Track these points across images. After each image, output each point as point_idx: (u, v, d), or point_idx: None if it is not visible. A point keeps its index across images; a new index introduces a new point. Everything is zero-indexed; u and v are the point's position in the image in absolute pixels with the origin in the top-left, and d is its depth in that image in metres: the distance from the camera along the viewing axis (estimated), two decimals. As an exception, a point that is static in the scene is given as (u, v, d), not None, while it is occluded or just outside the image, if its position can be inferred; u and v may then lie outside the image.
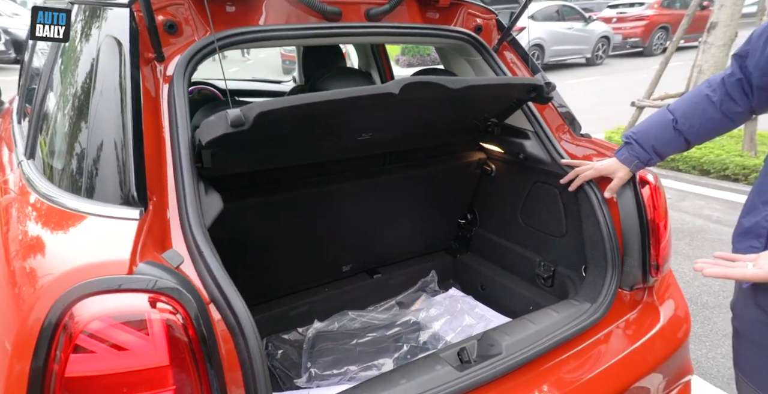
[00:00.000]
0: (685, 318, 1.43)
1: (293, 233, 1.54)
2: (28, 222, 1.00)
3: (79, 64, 1.11)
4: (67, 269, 0.79)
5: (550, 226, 1.54)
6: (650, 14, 12.08)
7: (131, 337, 0.75)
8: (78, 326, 0.74)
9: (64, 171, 1.03)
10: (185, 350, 0.78)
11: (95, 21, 1.12)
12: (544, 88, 1.27)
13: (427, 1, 1.44)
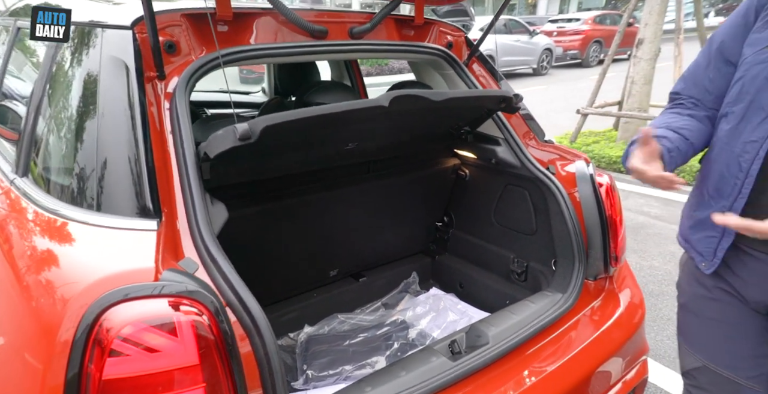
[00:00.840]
0: (640, 303, 1.60)
1: (282, 242, 1.60)
2: (40, 237, 1.02)
3: (78, 84, 1.14)
4: (95, 279, 0.84)
5: (522, 224, 1.67)
6: (586, 29, 13.27)
7: (162, 339, 0.81)
8: (112, 331, 0.78)
9: (71, 187, 1.05)
10: (212, 349, 0.84)
11: (93, 42, 1.15)
12: (513, 100, 1.40)
13: (404, 21, 1.56)
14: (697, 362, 1.15)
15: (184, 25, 1.18)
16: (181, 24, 1.17)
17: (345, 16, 1.44)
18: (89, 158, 1.03)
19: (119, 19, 1.11)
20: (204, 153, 1.08)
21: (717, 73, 1.02)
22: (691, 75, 1.08)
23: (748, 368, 1.07)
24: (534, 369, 1.27)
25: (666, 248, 3.27)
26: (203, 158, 1.08)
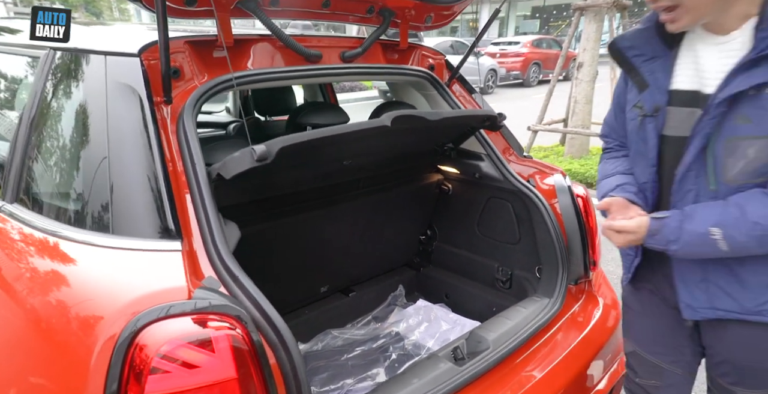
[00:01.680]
0: (615, 303, 1.73)
1: (275, 261, 1.61)
2: (62, 265, 1.00)
3: (81, 110, 1.12)
4: (128, 301, 0.84)
5: (505, 234, 1.78)
6: (525, 52, 14.19)
7: (201, 355, 0.82)
8: (151, 349, 0.79)
9: (85, 212, 1.04)
10: (248, 362, 0.86)
11: (94, 68, 1.14)
12: (497, 118, 1.52)
13: (389, 45, 1.65)
14: (630, 347, 1.32)
15: (187, 52, 1.21)
16: (184, 50, 1.20)
17: (337, 41, 1.51)
18: (102, 183, 1.02)
19: (125, 47, 1.12)
20: (217, 174, 1.10)
21: (621, 121, 1.19)
22: (609, 122, 1.26)
23: (668, 354, 1.23)
24: (533, 370, 1.35)
25: (617, 254, 3.50)
26: (215, 180, 1.10)
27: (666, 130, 1.03)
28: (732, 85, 0.88)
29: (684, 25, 0.93)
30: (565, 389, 1.34)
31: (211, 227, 1.00)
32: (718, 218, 0.92)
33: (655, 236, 1.00)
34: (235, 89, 1.20)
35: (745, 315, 1.01)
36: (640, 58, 1.06)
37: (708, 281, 1.03)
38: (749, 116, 0.89)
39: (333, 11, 1.42)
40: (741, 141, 0.90)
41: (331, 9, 1.40)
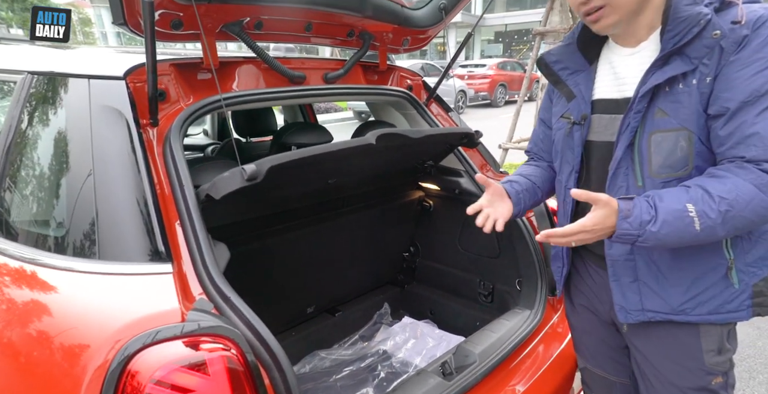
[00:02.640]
0: None
1: (261, 282, 1.60)
2: (49, 293, 0.97)
3: (66, 134, 1.10)
4: (120, 325, 0.82)
5: (486, 249, 1.81)
6: (491, 74, 14.76)
7: (195, 378, 0.81)
8: (144, 375, 0.77)
9: (65, 238, 1.01)
10: (243, 383, 0.85)
11: (75, 92, 1.12)
12: (474, 136, 1.57)
13: (369, 66, 1.70)
14: (582, 363, 1.37)
15: (173, 74, 1.21)
16: (170, 73, 1.21)
17: (319, 63, 1.55)
18: (88, 207, 1.00)
19: (109, 70, 1.12)
20: (206, 195, 1.10)
21: (543, 135, 1.30)
22: (534, 137, 1.35)
23: (611, 366, 1.29)
24: (519, 380, 1.37)
25: None
26: (203, 201, 1.09)
27: (591, 135, 1.10)
28: (650, 81, 0.94)
29: (609, 23, 0.98)
30: None
31: (201, 248, 1.00)
32: (688, 197, 0.91)
33: (629, 218, 0.92)
34: (224, 110, 1.20)
35: (671, 315, 1.04)
36: (566, 72, 1.15)
37: (638, 281, 1.06)
38: (665, 110, 0.96)
39: (315, 35, 1.46)
40: (661, 134, 0.97)
41: (313, 33, 1.44)
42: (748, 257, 1.00)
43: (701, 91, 0.92)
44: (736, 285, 1.01)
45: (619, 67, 1.06)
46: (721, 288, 1.01)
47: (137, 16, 1.05)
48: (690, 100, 0.93)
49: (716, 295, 1.01)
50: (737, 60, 0.89)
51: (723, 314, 1.02)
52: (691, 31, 0.90)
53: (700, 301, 1.02)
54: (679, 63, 0.93)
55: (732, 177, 0.90)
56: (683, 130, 0.95)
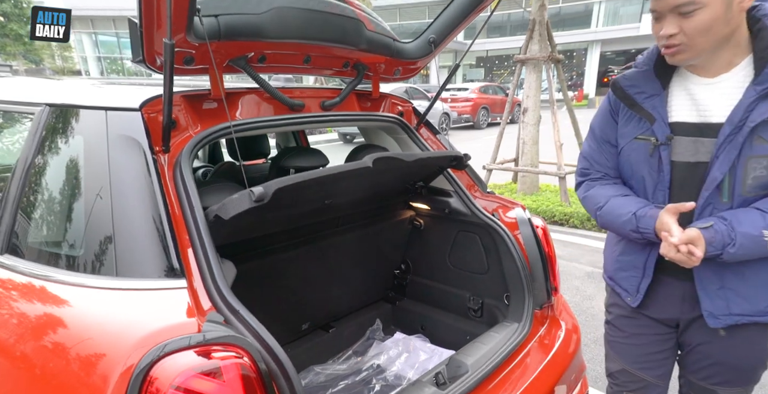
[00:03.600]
0: (576, 326, 1.87)
1: (259, 299, 1.66)
2: (72, 309, 1.03)
3: (84, 160, 1.17)
4: (143, 335, 0.89)
5: (475, 265, 1.91)
6: (474, 97, 15.29)
7: (211, 384, 0.87)
8: (165, 382, 0.84)
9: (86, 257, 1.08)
10: (255, 389, 0.91)
11: (92, 122, 1.20)
12: (463, 159, 1.68)
13: (362, 94, 1.82)
14: (619, 365, 1.47)
15: (183, 105, 1.30)
16: (180, 104, 1.30)
17: (316, 91, 1.65)
18: (106, 229, 1.07)
19: (125, 103, 1.20)
20: (215, 216, 1.18)
21: (608, 154, 1.35)
22: (590, 156, 1.41)
23: (654, 368, 1.40)
24: (509, 389, 1.44)
25: (571, 283, 3.67)
26: (212, 221, 1.17)
27: (675, 156, 1.20)
28: (758, 112, 1.06)
29: (683, 58, 1.11)
30: None
31: (211, 265, 1.07)
32: (764, 224, 1.08)
33: (713, 243, 1.10)
34: (233, 136, 1.29)
35: (756, 317, 1.18)
36: (642, 95, 1.23)
37: (725, 288, 1.19)
38: (765, 137, 1.07)
39: (313, 66, 1.57)
40: (757, 159, 1.09)
41: (311, 64, 1.55)
42: None
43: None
44: None
45: (698, 95, 1.16)
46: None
47: (155, 54, 1.15)
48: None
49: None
50: None
51: None
52: None
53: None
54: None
55: None
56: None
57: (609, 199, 1.32)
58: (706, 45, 1.07)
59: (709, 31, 1.05)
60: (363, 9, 1.56)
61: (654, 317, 1.37)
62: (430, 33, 1.70)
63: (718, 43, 1.08)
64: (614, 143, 1.34)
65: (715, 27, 1.04)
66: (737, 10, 1.04)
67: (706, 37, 1.05)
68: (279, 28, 1.33)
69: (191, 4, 1.03)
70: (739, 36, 1.09)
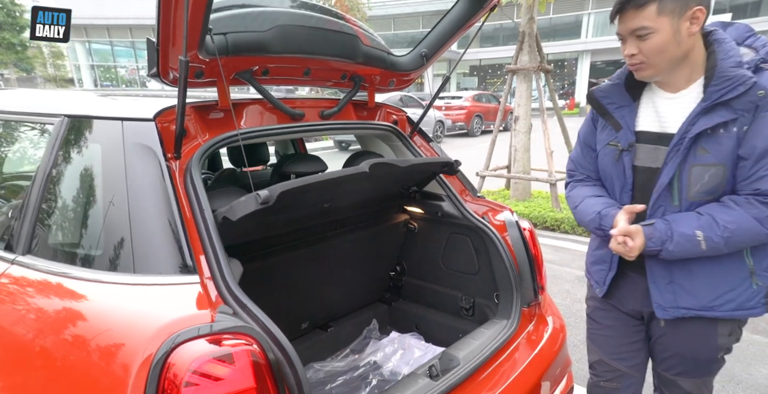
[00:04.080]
0: (562, 324, 1.97)
1: (261, 298, 1.74)
2: (93, 303, 1.11)
3: (101, 167, 1.26)
4: (162, 324, 0.97)
5: (466, 266, 2.00)
6: (468, 105, 15.53)
7: (224, 368, 0.96)
8: (183, 366, 0.92)
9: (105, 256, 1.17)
10: (264, 373, 1.00)
11: (109, 132, 1.29)
12: (454, 164, 1.79)
13: (359, 104, 1.92)
14: (597, 356, 1.58)
15: (192, 115, 1.40)
16: (190, 114, 1.39)
17: (316, 102, 1.76)
18: (123, 229, 1.15)
19: (140, 113, 1.30)
20: (223, 217, 1.27)
21: (590, 158, 1.49)
22: (575, 159, 1.55)
23: (627, 359, 1.51)
24: (495, 382, 1.53)
25: (562, 287, 3.77)
26: (220, 222, 1.26)
27: (637, 161, 1.33)
28: (698, 125, 1.18)
29: (646, 75, 1.25)
30: None
31: (220, 263, 1.16)
32: (698, 224, 1.20)
33: (652, 239, 1.23)
34: (240, 144, 1.39)
35: (701, 311, 1.28)
36: (613, 106, 1.37)
37: (674, 283, 1.31)
38: (707, 149, 1.19)
39: (313, 78, 1.68)
40: (701, 167, 1.20)
41: (311, 76, 1.65)
42: (763, 263, 1.25)
43: (739, 136, 1.16)
44: (755, 286, 1.25)
45: (660, 107, 1.29)
46: (743, 288, 1.26)
47: (169, 69, 1.25)
48: (729, 142, 1.17)
49: (740, 294, 1.26)
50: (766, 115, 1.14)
51: (744, 310, 1.27)
52: (736, 88, 1.14)
53: (727, 299, 1.27)
54: (724, 112, 1.16)
55: (738, 209, 1.18)
56: (720, 166, 1.19)
57: (584, 199, 1.45)
58: (663, 64, 1.20)
59: (663, 52, 1.18)
60: (360, 25, 1.67)
61: (621, 309, 1.48)
62: (422, 47, 1.82)
63: (675, 62, 1.21)
64: (594, 148, 1.47)
65: (668, 49, 1.17)
66: (686, 34, 1.17)
67: (661, 56, 1.19)
68: (282, 44, 1.43)
69: (204, 25, 1.13)
70: (696, 56, 1.22)
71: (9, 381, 1.16)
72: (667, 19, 1.14)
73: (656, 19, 1.15)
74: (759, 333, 2.86)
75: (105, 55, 29.80)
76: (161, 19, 1.09)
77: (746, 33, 1.25)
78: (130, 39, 28.64)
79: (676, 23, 1.15)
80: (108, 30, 27.65)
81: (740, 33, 1.26)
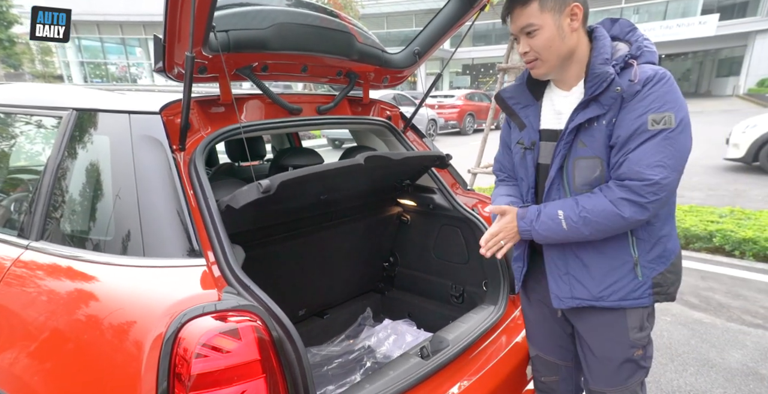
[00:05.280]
0: None
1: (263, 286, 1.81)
2: (108, 283, 1.18)
3: (110, 157, 1.32)
4: (172, 302, 1.05)
5: (457, 256, 2.09)
6: (460, 104, 15.61)
7: (231, 343, 1.04)
8: (193, 340, 1.00)
9: (116, 240, 1.24)
10: (268, 347, 1.08)
11: (117, 124, 1.35)
12: (445, 158, 1.87)
13: (354, 100, 2.00)
14: (534, 352, 1.63)
15: (196, 109, 1.47)
16: (194, 108, 1.46)
17: (313, 97, 1.83)
18: (133, 216, 1.22)
19: (147, 107, 1.36)
20: (226, 206, 1.34)
21: (509, 157, 1.51)
22: (499, 159, 1.57)
23: (558, 352, 1.56)
24: (483, 362, 1.62)
25: None
26: (223, 211, 1.34)
27: (540, 159, 1.39)
28: (576, 120, 1.23)
29: (540, 72, 1.29)
30: (509, 376, 1.62)
31: (224, 248, 1.24)
32: (562, 205, 1.26)
33: (524, 218, 1.30)
34: (242, 136, 1.46)
35: (593, 301, 1.32)
36: (518, 106, 1.42)
37: (569, 274, 1.35)
38: (585, 142, 1.25)
39: (310, 75, 1.75)
40: (582, 160, 1.26)
41: (308, 73, 1.73)
42: (648, 255, 1.29)
43: (608, 128, 1.22)
44: (639, 277, 1.29)
45: (558, 105, 1.34)
46: (629, 279, 1.29)
47: (174, 65, 1.31)
48: (601, 135, 1.23)
49: (625, 285, 1.29)
50: (629, 106, 1.19)
51: (630, 300, 1.30)
52: (601, 85, 1.20)
53: (613, 290, 1.30)
54: (595, 108, 1.22)
55: (599, 193, 1.24)
56: (596, 158, 1.25)
57: (495, 197, 1.52)
58: (553, 59, 1.25)
59: (551, 48, 1.23)
60: (354, 24, 1.75)
61: (544, 302, 1.51)
62: (415, 45, 1.90)
63: (563, 59, 1.26)
64: (510, 147, 1.51)
65: (554, 45, 1.23)
66: (568, 30, 1.23)
67: (549, 52, 1.24)
68: (280, 41, 1.51)
69: (208, 23, 1.20)
70: (581, 54, 1.27)
71: (31, 359, 1.22)
72: (549, 15, 1.20)
73: (540, 16, 1.20)
74: (733, 321, 2.99)
75: (95, 51, 29.52)
76: (168, 17, 1.16)
77: (627, 28, 1.30)
78: (121, 36, 28.44)
79: (558, 19, 1.21)
80: (98, 26, 27.42)
81: (622, 28, 1.30)
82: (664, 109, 1.17)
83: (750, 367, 2.49)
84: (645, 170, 1.16)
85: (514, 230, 1.34)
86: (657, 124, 1.16)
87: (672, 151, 1.17)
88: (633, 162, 1.18)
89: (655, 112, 1.17)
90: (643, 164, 1.17)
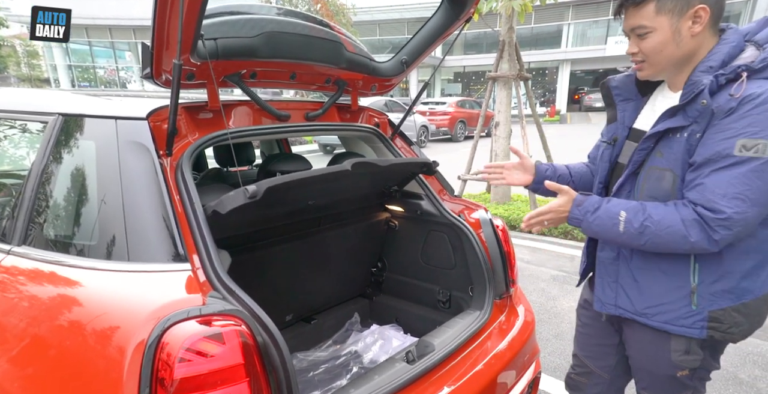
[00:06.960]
0: (532, 315, 2.08)
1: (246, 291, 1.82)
2: (89, 287, 1.18)
3: (96, 162, 1.32)
4: (156, 307, 1.05)
5: (444, 262, 2.11)
6: (451, 111, 15.81)
7: (215, 347, 1.04)
8: (176, 344, 1.01)
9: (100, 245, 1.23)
10: (252, 352, 1.09)
11: (104, 130, 1.35)
12: (432, 165, 1.90)
13: (342, 107, 2.02)
14: (575, 350, 1.66)
15: (183, 115, 1.48)
16: (181, 114, 1.47)
17: (301, 104, 1.85)
18: (118, 221, 1.22)
19: (134, 112, 1.36)
20: (213, 211, 1.35)
21: (596, 150, 1.49)
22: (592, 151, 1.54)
23: (597, 358, 1.57)
24: (468, 366, 1.63)
25: (538, 285, 3.90)
26: (210, 216, 1.34)
27: (620, 158, 1.34)
28: (657, 127, 1.16)
29: (646, 74, 1.21)
30: (494, 381, 1.64)
31: (210, 253, 1.24)
32: (626, 207, 1.17)
33: (580, 206, 1.21)
34: (229, 142, 1.47)
35: (635, 315, 1.29)
36: (619, 97, 1.33)
37: (617, 283, 1.33)
38: (663, 152, 1.16)
39: (299, 82, 1.77)
40: (654, 170, 1.18)
41: (297, 80, 1.75)
42: (711, 287, 1.18)
43: (690, 143, 1.11)
44: (694, 306, 1.19)
45: (658, 106, 1.24)
46: (681, 305, 1.20)
47: (162, 72, 1.32)
48: (679, 148, 1.13)
49: (675, 309, 1.21)
50: (719, 125, 1.07)
51: (677, 326, 1.22)
52: (691, 94, 1.09)
53: (660, 310, 1.23)
54: (679, 118, 1.12)
55: (672, 207, 1.12)
56: (670, 171, 1.16)
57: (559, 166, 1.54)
58: (663, 63, 1.16)
59: (662, 52, 1.14)
60: (344, 33, 1.78)
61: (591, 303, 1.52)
62: (402, 54, 1.93)
63: (677, 63, 1.16)
64: None
65: (666, 49, 1.13)
66: (687, 35, 1.11)
67: (659, 56, 1.15)
68: (269, 50, 1.52)
69: (197, 30, 1.22)
70: (702, 57, 1.14)
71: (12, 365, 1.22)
72: (667, 17, 1.10)
73: (654, 19, 1.11)
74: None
75: (83, 55, 29.30)
76: (156, 24, 1.17)
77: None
78: (110, 39, 28.29)
79: (676, 23, 1.10)
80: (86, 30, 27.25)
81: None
82: (759, 135, 1.02)
83: (730, 372, 2.53)
84: (719, 200, 1.05)
85: (564, 214, 1.26)
86: (746, 151, 1.03)
87: (759, 184, 1.03)
88: (707, 188, 1.07)
89: (747, 137, 1.03)
90: (718, 193, 1.05)
